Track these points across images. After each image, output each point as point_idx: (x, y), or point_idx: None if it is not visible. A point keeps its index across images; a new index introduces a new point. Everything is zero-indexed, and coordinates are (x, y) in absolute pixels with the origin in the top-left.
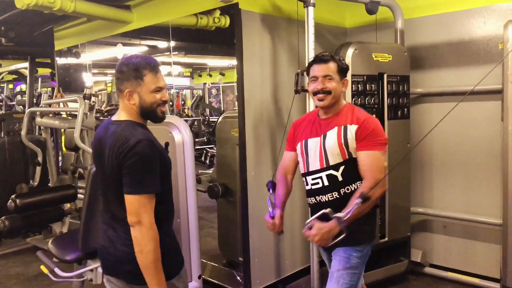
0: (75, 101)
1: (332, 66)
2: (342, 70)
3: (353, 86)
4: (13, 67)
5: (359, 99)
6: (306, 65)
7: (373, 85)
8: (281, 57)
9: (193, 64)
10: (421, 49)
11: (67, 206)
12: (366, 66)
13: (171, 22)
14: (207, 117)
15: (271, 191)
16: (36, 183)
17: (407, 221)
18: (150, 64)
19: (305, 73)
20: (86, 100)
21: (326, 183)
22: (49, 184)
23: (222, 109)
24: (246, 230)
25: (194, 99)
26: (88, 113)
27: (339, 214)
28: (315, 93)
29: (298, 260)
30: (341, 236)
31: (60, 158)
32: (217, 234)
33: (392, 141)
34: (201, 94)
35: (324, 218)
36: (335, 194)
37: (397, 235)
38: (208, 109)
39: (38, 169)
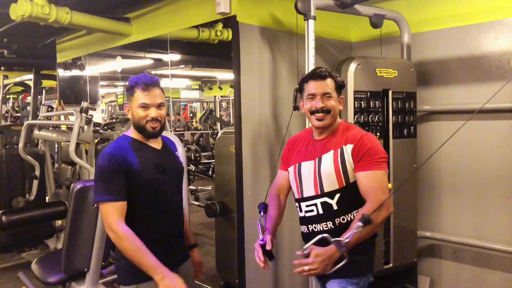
0: (72, 114)
1: (330, 83)
2: (339, 87)
3: (356, 102)
4: (18, 79)
5: (362, 117)
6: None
7: (377, 102)
8: (281, 72)
9: (202, 77)
10: (428, 65)
11: (59, 222)
12: (369, 82)
13: (171, 35)
14: (215, 131)
15: (262, 213)
16: (32, 197)
17: (414, 245)
18: (143, 82)
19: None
20: (82, 114)
21: (320, 211)
22: (47, 198)
23: (232, 122)
24: (241, 253)
25: (204, 112)
26: (86, 126)
27: (338, 239)
28: (312, 112)
29: (298, 285)
30: (342, 263)
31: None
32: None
33: (397, 161)
34: (211, 107)
35: (321, 244)
36: (329, 223)
37: (403, 261)
38: (218, 123)
39: (35, 182)
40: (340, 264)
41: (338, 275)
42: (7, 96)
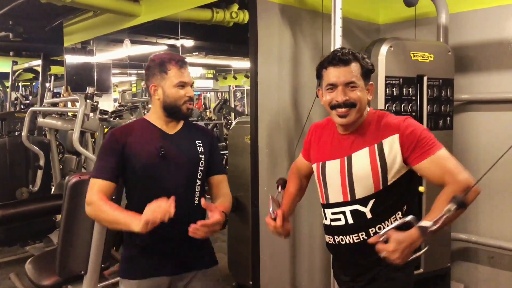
0: (76, 100)
1: (355, 68)
2: (367, 72)
3: (387, 90)
4: (27, 64)
5: (394, 105)
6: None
7: (410, 89)
8: (303, 55)
9: (216, 66)
10: (468, 49)
11: (59, 217)
12: (402, 66)
13: (182, 16)
14: (229, 121)
15: (279, 189)
16: (36, 188)
17: (447, 249)
18: (176, 59)
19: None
20: (87, 100)
21: (350, 220)
22: (52, 189)
23: (246, 112)
24: (256, 252)
25: (218, 101)
26: (91, 114)
27: (424, 223)
28: (333, 107)
29: (318, 287)
30: (422, 251)
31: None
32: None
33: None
34: (225, 97)
35: (404, 227)
36: (361, 235)
37: (435, 266)
38: (232, 113)
39: (40, 173)
40: (420, 253)
41: None
42: (17, 84)
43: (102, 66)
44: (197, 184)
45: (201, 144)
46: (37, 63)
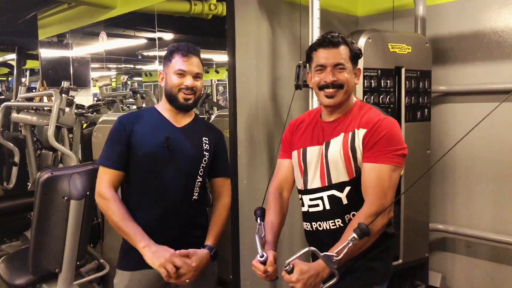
0: (51, 95)
1: (344, 51)
2: (355, 56)
3: (365, 81)
4: (1, 59)
5: (372, 97)
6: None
7: (388, 81)
8: (282, 47)
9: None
10: (445, 41)
11: None
12: (381, 58)
13: (159, 8)
14: (212, 115)
15: (259, 221)
16: (11, 185)
17: (425, 240)
18: (183, 48)
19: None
20: (63, 95)
21: (327, 206)
22: (28, 187)
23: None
24: (236, 247)
25: (200, 96)
26: (67, 109)
27: (328, 253)
28: (321, 87)
29: None
30: (333, 281)
31: None
32: None
33: (410, 147)
34: (208, 92)
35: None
36: (338, 221)
37: (413, 256)
38: (215, 107)
39: (15, 169)
40: (330, 283)
41: (350, 284)
42: None
43: (80, 60)
44: (198, 180)
45: (207, 142)
46: (11, 57)
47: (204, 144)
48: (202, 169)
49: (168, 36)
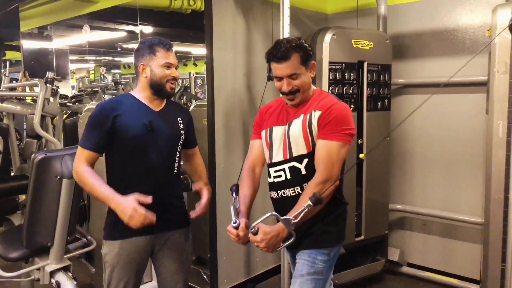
0: (36, 85)
1: (295, 61)
2: (307, 58)
3: (330, 74)
4: None
5: (337, 89)
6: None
7: (352, 74)
8: (256, 42)
9: (176, 53)
10: (404, 37)
11: (23, 197)
12: (345, 53)
13: (141, 4)
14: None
15: (234, 195)
16: None
17: (385, 218)
18: (163, 43)
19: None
20: (48, 85)
21: (288, 176)
22: (11, 173)
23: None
24: (213, 226)
25: (179, 88)
26: (52, 98)
27: (287, 217)
28: (282, 93)
29: (271, 257)
30: (290, 240)
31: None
32: None
33: (371, 134)
34: (186, 84)
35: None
36: (297, 189)
37: (374, 233)
38: (194, 100)
39: None
40: (288, 242)
41: (309, 246)
42: None
43: (59, 52)
44: (177, 156)
45: (181, 121)
46: None
47: (179, 124)
48: (180, 146)
49: (148, 29)
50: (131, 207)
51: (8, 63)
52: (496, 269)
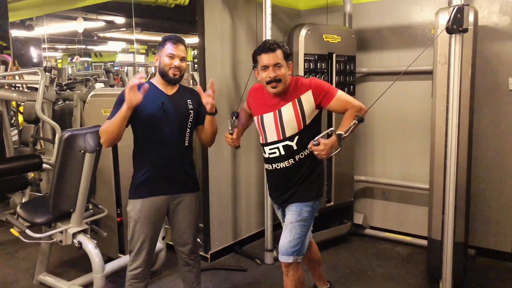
0: (35, 73)
1: (279, 53)
2: (287, 55)
3: (305, 64)
4: None
5: (310, 76)
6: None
7: (323, 64)
8: (240, 36)
9: (148, 41)
10: (367, 32)
11: (31, 175)
12: (317, 46)
13: None
14: None
15: (234, 117)
16: None
17: (351, 188)
18: (171, 37)
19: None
20: (47, 73)
21: (282, 152)
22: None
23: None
24: (206, 198)
25: (149, 76)
26: (49, 86)
27: (339, 132)
28: (268, 82)
29: (253, 224)
30: (338, 150)
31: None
32: None
33: (339, 115)
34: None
35: (326, 136)
36: (291, 160)
37: (341, 200)
38: None
39: None
40: (337, 150)
41: (296, 200)
42: None
43: (34, 41)
44: (187, 131)
45: (190, 103)
46: None
47: (189, 105)
48: (189, 123)
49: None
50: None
51: None
52: (438, 220)
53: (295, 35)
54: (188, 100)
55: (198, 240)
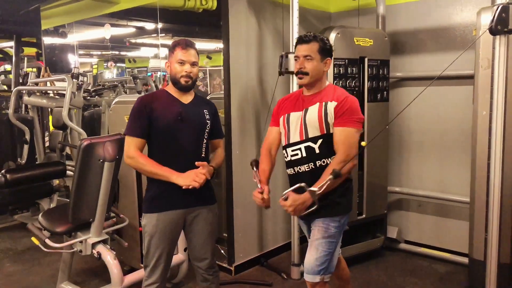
0: (63, 80)
1: (313, 46)
2: (324, 50)
3: (335, 69)
4: None
5: (340, 82)
6: (291, 47)
7: (354, 69)
8: (266, 40)
9: None
10: (401, 35)
11: (56, 182)
12: (348, 50)
13: (159, 3)
14: None
15: (255, 169)
16: (23, 161)
17: (384, 199)
18: (180, 42)
19: (289, 55)
20: (74, 80)
21: (304, 154)
22: (36, 162)
23: (209, 92)
24: (230, 208)
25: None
26: (76, 92)
27: (312, 188)
28: (296, 73)
29: (280, 236)
30: (314, 208)
31: (46, 137)
32: None
33: (371, 123)
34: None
35: (299, 190)
36: (311, 165)
37: (374, 213)
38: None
39: (26, 147)
40: (311, 209)
41: (323, 214)
42: None
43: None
44: (204, 142)
45: (207, 112)
46: (8, 45)
47: (205, 115)
48: (206, 134)
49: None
50: (191, 174)
51: (26, 59)
52: (480, 239)
53: None
54: (204, 110)
55: (222, 251)
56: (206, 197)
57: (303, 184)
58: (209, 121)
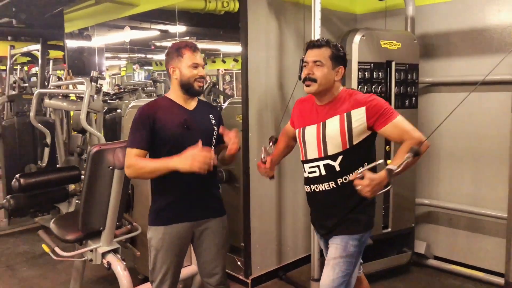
0: (82, 83)
1: (325, 51)
2: (337, 57)
3: (360, 73)
4: (25, 49)
5: (366, 87)
6: None
7: (380, 73)
8: (287, 42)
9: (205, 50)
10: (431, 37)
11: (72, 187)
12: (373, 53)
13: (179, 6)
14: (219, 104)
15: (271, 144)
16: (44, 164)
17: (412, 212)
18: (189, 45)
19: None
20: (92, 83)
21: (323, 172)
22: (57, 165)
23: (235, 95)
24: (247, 216)
25: (207, 85)
26: (96, 95)
27: (390, 166)
28: (303, 80)
29: (301, 248)
30: (388, 187)
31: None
32: None
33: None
34: (214, 81)
35: (373, 170)
36: (331, 183)
37: (401, 226)
38: (222, 96)
39: (47, 150)
40: (386, 189)
41: (341, 231)
42: (15, 67)
43: (97, 51)
44: (212, 149)
45: (213, 118)
46: (35, 48)
47: (211, 120)
48: (214, 140)
49: (182, 28)
50: (188, 154)
51: (51, 61)
52: None
53: (348, 41)
54: (210, 115)
55: (238, 263)
56: (215, 209)
57: (381, 161)
58: (215, 127)
